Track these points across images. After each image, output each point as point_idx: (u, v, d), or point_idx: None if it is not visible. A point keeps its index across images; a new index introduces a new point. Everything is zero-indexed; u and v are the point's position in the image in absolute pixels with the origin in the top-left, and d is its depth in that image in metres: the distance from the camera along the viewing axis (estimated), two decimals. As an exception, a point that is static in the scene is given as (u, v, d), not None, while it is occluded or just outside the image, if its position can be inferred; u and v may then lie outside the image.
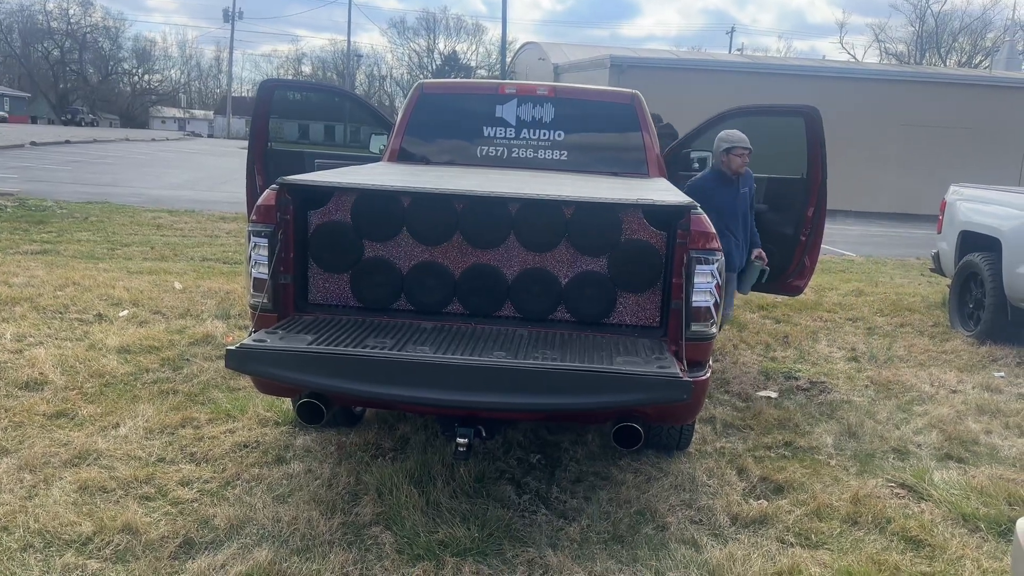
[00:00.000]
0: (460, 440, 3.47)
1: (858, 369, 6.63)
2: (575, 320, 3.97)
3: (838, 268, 12.03)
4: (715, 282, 3.64)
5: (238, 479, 4.04)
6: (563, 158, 5.79)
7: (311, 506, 3.74)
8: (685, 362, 3.45)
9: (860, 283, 10.67)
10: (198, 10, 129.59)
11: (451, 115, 5.93)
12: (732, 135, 5.89)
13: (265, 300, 3.74)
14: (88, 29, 78.50)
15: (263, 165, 6.69)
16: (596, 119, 5.96)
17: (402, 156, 5.82)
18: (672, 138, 7.46)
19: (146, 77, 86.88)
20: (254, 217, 3.75)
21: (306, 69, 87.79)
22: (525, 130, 5.83)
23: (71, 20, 77.21)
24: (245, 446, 4.45)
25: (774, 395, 5.84)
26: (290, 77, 77.03)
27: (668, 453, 4.61)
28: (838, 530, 3.82)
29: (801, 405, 5.64)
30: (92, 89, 79.56)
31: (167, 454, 4.30)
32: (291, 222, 3.78)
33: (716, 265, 3.63)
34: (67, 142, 35.18)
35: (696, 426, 4.99)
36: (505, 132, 5.84)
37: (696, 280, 3.59)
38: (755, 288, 7.06)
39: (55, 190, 16.76)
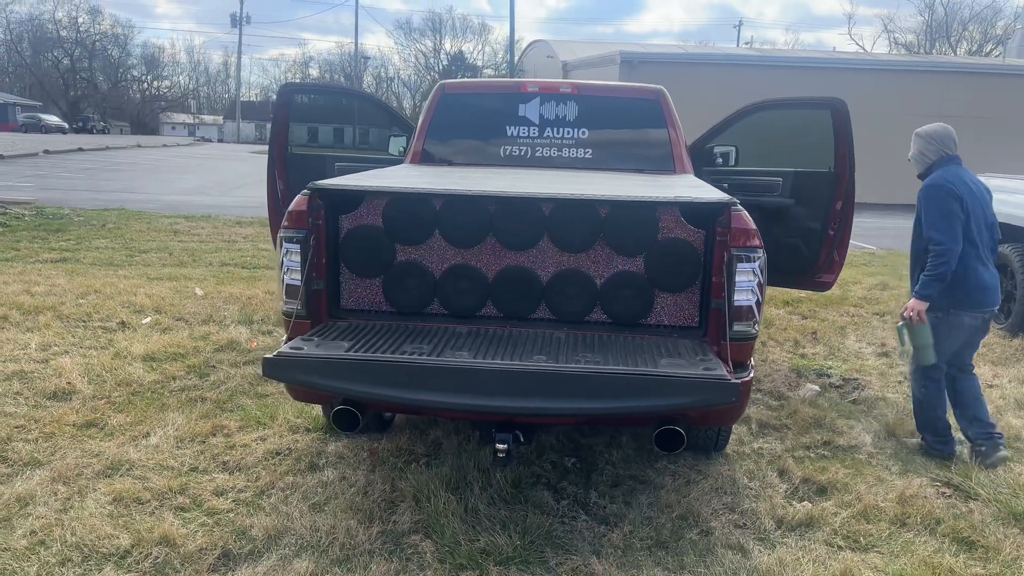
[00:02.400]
0: (500, 446, 3.40)
1: (890, 365, 6.52)
2: (612, 321, 3.90)
3: (860, 262, 11.90)
4: (757, 280, 3.56)
5: (272, 488, 3.99)
6: (588, 156, 5.71)
7: (348, 514, 3.68)
8: (730, 363, 3.37)
9: (884, 276, 10.55)
10: (205, 16, 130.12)
11: (473, 115, 5.86)
12: None
13: (299, 307, 3.68)
14: (97, 37, 78.96)
15: (284, 170, 6.64)
16: (621, 116, 5.88)
17: (425, 158, 5.75)
18: None
19: (155, 83, 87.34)
20: (286, 223, 3.69)
21: (313, 72, 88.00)
22: (549, 129, 5.76)
23: (80, 28, 77.68)
24: (277, 454, 4.40)
25: (817, 388, 5.75)
26: (298, 80, 77.24)
27: (706, 455, 4.53)
28: (887, 532, 3.73)
29: (835, 403, 5.55)
30: (102, 96, 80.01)
31: (199, 463, 4.25)
32: (323, 227, 3.72)
33: (758, 263, 3.54)
34: (80, 150, 35.32)
35: (732, 426, 4.92)
36: (528, 131, 5.76)
37: (738, 279, 3.51)
38: (784, 284, 6.94)
39: (71, 198, 16.80)
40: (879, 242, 13.96)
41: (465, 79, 8.18)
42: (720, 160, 6.67)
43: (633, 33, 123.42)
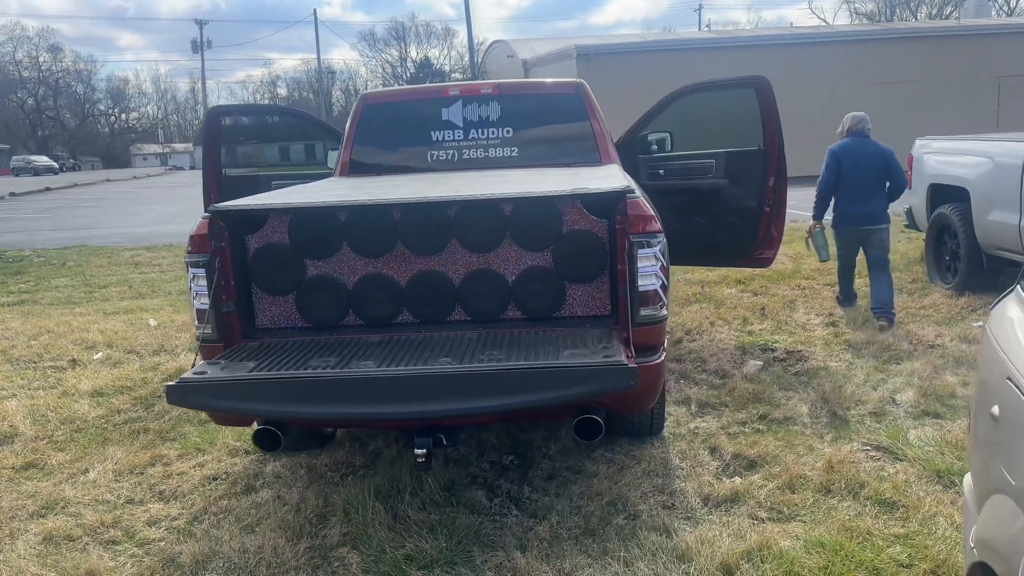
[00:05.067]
0: (418, 451, 3.42)
1: (836, 334, 6.58)
2: (526, 317, 3.93)
3: (818, 234, 11.96)
4: (660, 264, 3.60)
5: (206, 513, 4.00)
6: (514, 155, 5.75)
7: (277, 533, 3.69)
8: (632, 348, 3.41)
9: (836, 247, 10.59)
10: (168, 44, 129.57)
11: (397, 123, 5.89)
12: None
13: (208, 330, 3.70)
14: (60, 74, 78.52)
15: (219, 193, 6.66)
16: (543, 112, 5.92)
17: (353, 169, 5.78)
18: None
19: (123, 116, 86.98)
20: (189, 248, 3.71)
21: (282, 91, 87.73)
22: (473, 130, 5.79)
23: (42, 67, 77.23)
24: (214, 478, 4.41)
25: (760, 363, 5.80)
26: (267, 101, 77.09)
27: (641, 439, 4.57)
28: (811, 500, 3.78)
29: (778, 376, 5.59)
30: (71, 134, 79.61)
31: (135, 495, 4.26)
32: (227, 249, 3.74)
33: (659, 247, 3.58)
34: (47, 189, 35.14)
35: (670, 408, 4.97)
36: (453, 135, 5.80)
37: (640, 264, 3.55)
38: (726, 263, 7.08)
39: (34, 239, 16.71)
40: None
41: (387, 88, 8.21)
42: (656, 147, 6.73)
43: (597, 26, 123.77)
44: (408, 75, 73.96)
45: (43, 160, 58.57)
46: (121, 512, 4.04)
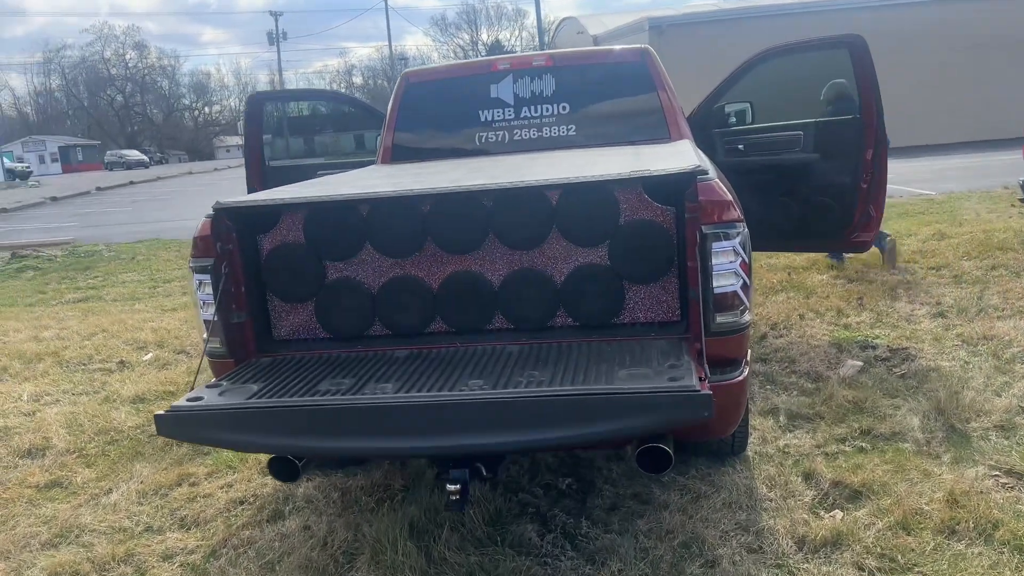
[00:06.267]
0: (451, 487, 2.88)
1: (946, 327, 5.75)
2: (578, 325, 3.34)
3: (916, 210, 10.93)
4: (740, 260, 2.96)
5: (225, 546, 3.58)
6: (572, 133, 5.15)
7: (299, 573, 3.24)
8: (706, 365, 2.79)
9: (941, 224, 9.60)
10: (249, 37, 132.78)
11: (442, 103, 5.35)
12: None
13: (217, 344, 3.26)
14: (146, 71, 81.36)
15: (263, 185, 6.29)
16: (604, 84, 5.29)
17: (396, 155, 5.29)
18: None
19: (206, 109, 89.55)
20: (192, 251, 3.28)
21: (357, 80, 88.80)
22: (525, 108, 5.22)
23: (129, 65, 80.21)
24: (241, 502, 4.00)
25: (860, 364, 5.07)
26: (343, 89, 78.06)
27: (720, 461, 3.93)
28: (931, 544, 3.09)
29: (881, 380, 4.85)
30: (157, 128, 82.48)
31: (155, 521, 3.88)
32: (236, 251, 3.28)
33: (738, 240, 2.95)
34: (131, 183, 36.18)
35: (754, 421, 4.31)
36: (504, 113, 5.24)
37: (715, 261, 2.93)
38: (817, 249, 6.36)
39: (110, 233, 16.95)
40: (938, 186, 12.88)
41: (430, 65, 7.71)
42: (734, 119, 6.05)
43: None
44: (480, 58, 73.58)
45: (135, 154, 61.42)
46: (136, 543, 3.66)
